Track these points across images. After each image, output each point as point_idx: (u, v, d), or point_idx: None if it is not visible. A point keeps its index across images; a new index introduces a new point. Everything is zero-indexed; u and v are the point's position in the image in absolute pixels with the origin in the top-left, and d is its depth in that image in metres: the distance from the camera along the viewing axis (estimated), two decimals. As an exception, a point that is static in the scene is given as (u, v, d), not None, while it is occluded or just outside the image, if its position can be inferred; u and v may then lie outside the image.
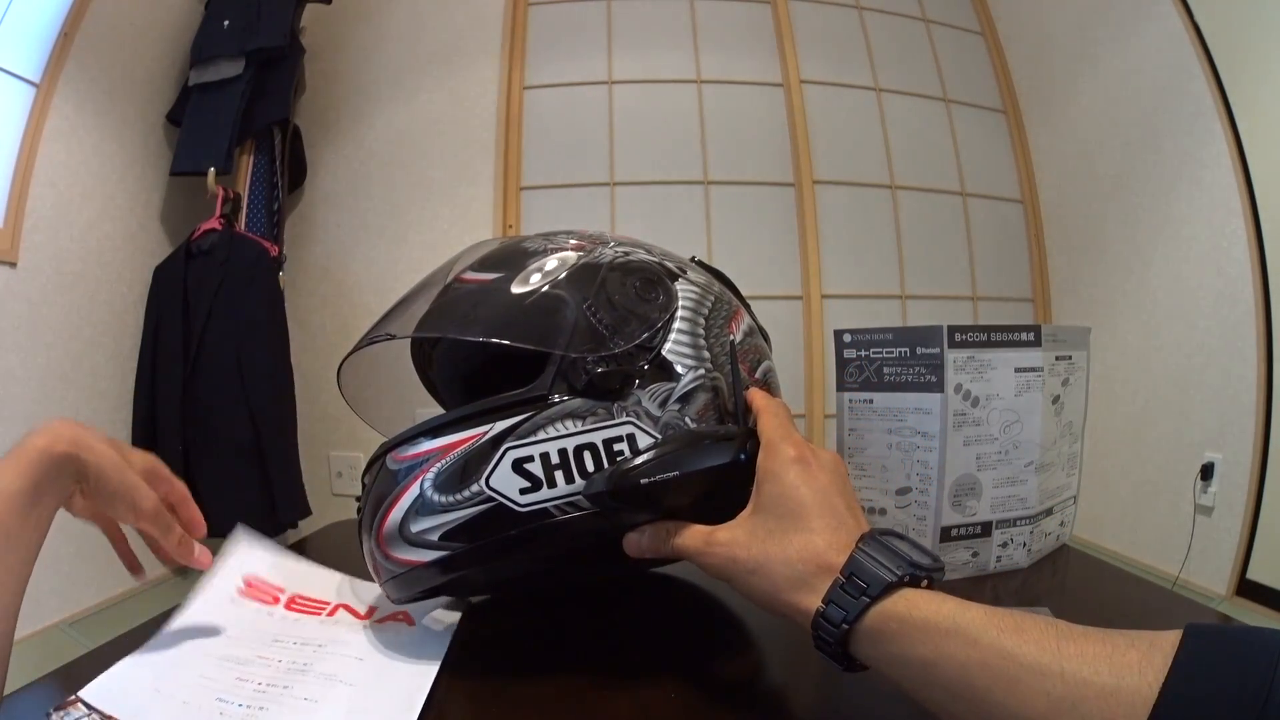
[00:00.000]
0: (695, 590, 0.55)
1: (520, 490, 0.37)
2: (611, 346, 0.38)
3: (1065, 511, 0.65)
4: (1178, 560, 1.88)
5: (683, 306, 0.42)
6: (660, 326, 0.40)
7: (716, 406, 0.40)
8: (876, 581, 0.30)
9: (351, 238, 2.30)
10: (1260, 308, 1.76)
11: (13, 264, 1.57)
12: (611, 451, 0.37)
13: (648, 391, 0.39)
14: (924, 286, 2.40)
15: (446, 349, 0.48)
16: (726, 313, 0.44)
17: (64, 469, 0.38)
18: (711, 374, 0.41)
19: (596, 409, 0.38)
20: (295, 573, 0.51)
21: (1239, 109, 1.82)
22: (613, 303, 0.40)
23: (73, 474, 0.38)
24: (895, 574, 0.30)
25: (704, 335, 0.41)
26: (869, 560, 0.31)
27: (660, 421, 0.38)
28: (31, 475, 0.36)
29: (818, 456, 0.37)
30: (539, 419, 0.38)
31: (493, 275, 0.42)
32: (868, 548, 0.32)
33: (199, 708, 0.35)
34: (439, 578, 0.39)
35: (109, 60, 1.84)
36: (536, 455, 0.37)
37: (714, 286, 0.45)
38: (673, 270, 0.43)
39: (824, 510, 0.34)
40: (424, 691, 0.37)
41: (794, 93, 2.39)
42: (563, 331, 0.38)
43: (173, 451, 1.82)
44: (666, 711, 0.37)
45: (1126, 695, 0.23)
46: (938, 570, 0.32)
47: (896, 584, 0.30)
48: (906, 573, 0.31)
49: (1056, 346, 0.59)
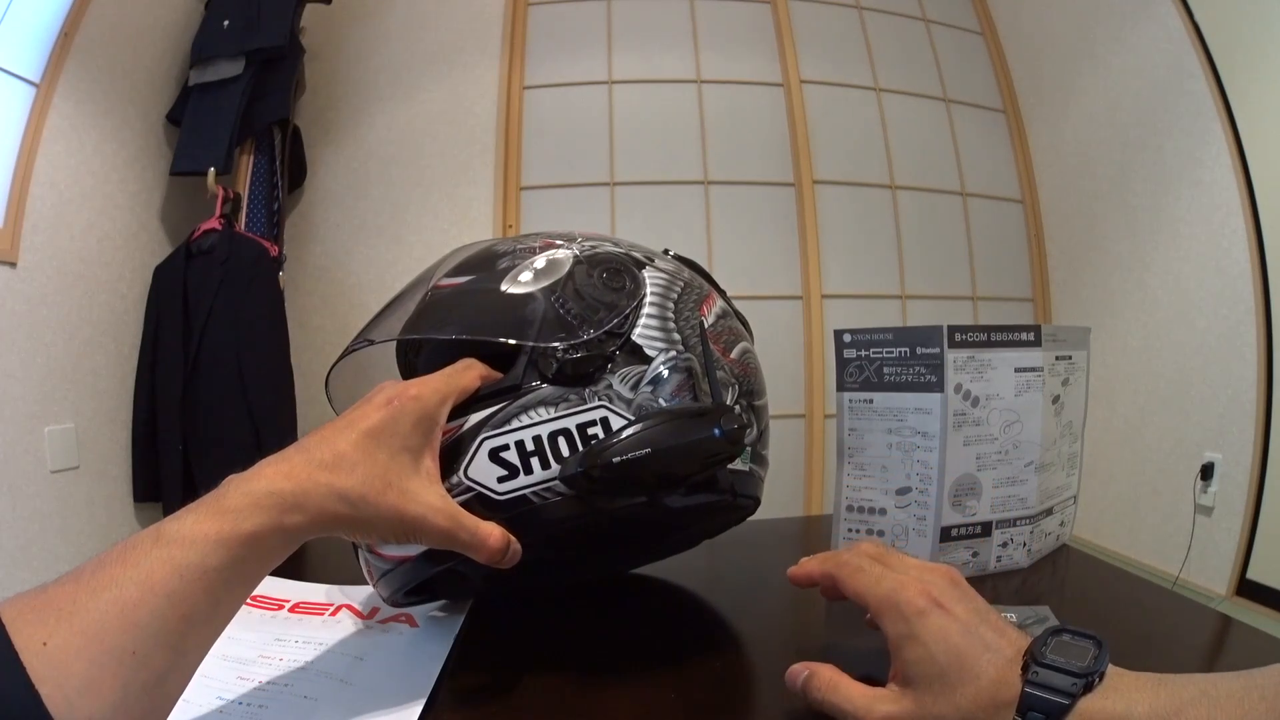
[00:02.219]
0: (695, 591, 0.55)
1: (498, 479, 0.37)
2: (581, 335, 0.39)
3: (1065, 511, 0.65)
4: (1178, 560, 1.88)
5: (651, 292, 0.42)
6: (629, 313, 0.40)
7: (690, 387, 0.41)
8: (1053, 711, 0.29)
9: (351, 237, 2.30)
10: (1260, 308, 1.76)
11: (13, 264, 1.57)
12: (586, 435, 0.38)
13: (619, 375, 0.39)
14: (924, 286, 2.40)
15: (429, 355, 0.49)
16: (697, 297, 0.44)
17: (304, 537, 0.32)
18: (684, 355, 0.41)
19: (569, 395, 0.38)
20: (298, 587, 0.51)
21: (1239, 109, 1.82)
22: (580, 293, 0.40)
23: (322, 531, 0.32)
24: (1069, 696, 0.29)
25: (674, 319, 0.42)
26: (1039, 690, 0.29)
27: (633, 404, 0.39)
28: (244, 549, 0.29)
29: (938, 589, 0.34)
30: (512, 408, 0.38)
31: (466, 279, 0.43)
32: (1036, 675, 0.30)
33: (199, 706, 0.35)
34: (427, 570, 0.40)
35: (109, 60, 1.84)
36: (512, 443, 0.38)
37: (684, 273, 0.46)
38: (640, 259, 0.44)
39: (976, 648, 0.32)
40: (425, 692, 0.38)
41: (794, 93, 2.39)
42: (532, 324, 0.39)
43: (173, 451, 1.82)
44: (666, 711, 0.37)
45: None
46: (1102, 656, 0.30)
47: (1071, 706, 0.29)
48: (1079, 687, 0.29)
49: (1056, 346, 0.59)
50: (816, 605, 0.50)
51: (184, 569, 0.27)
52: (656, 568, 0.56)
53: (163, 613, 0.26)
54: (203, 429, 1.83)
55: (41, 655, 0.24)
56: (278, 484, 0.31)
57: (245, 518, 0.29)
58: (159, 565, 0.27)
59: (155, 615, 0.26)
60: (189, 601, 0.27)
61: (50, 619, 0.25)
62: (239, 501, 0.30)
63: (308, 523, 0.31)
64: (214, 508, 0.29)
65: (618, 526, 0.48)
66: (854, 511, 0.58)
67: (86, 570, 0.27)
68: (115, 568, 0.27)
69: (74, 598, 0.26)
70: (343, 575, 0.52)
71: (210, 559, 0.28)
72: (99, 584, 0.26)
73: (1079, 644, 0.30)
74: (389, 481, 0.33)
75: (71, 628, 0.25)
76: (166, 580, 0.27)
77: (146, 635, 0.26)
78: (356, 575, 0.45)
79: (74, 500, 1.72)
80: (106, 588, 0.26)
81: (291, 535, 0.31)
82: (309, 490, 0.31)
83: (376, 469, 0.33)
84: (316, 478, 0.32)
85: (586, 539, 0.49)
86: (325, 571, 0.53)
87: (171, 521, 0.29)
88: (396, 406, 0.35)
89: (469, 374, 0.39)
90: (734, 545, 0.55)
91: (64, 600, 0.25)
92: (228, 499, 0.30)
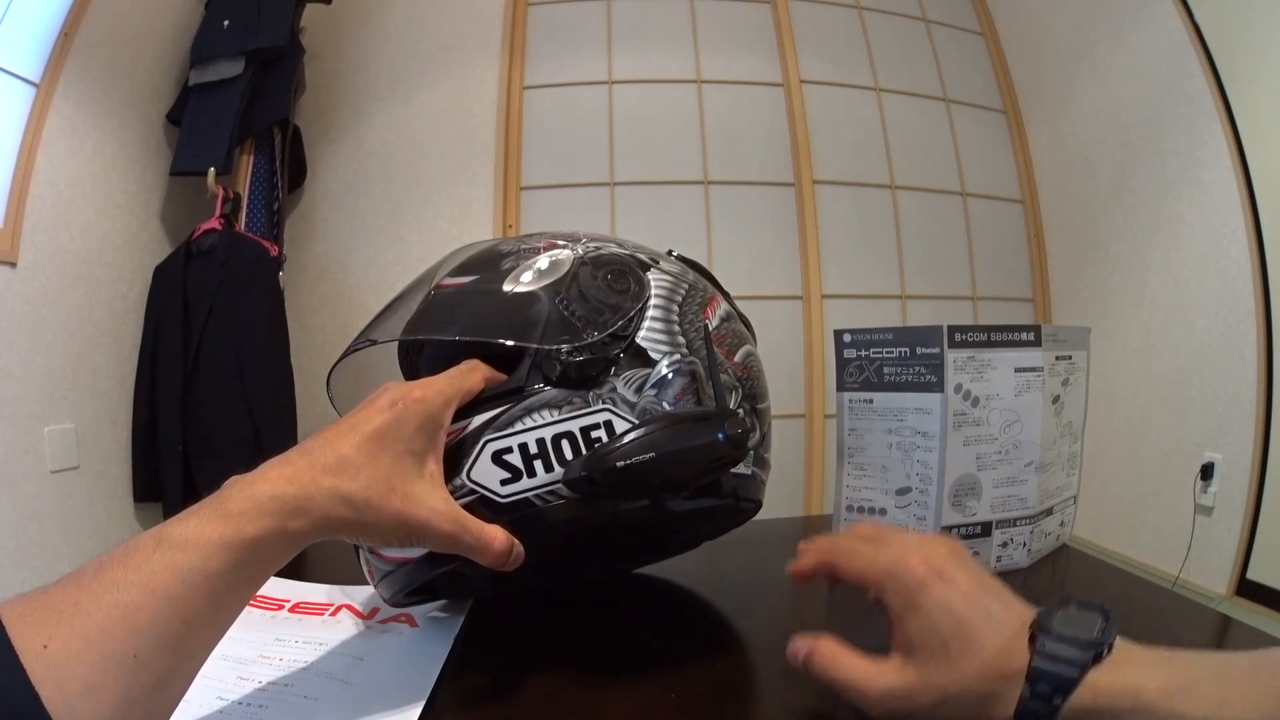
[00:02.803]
0: (696, 591, 0.55)
1: (501, 481, 0.37)
2: (585, 337, 0.39)
3: (1065, 511, 0.65)
4: (1178, 560, 1.88)
5: (655, 295, 0.42)
6: (633, 315, 0.40)
7: (694, 390, 0.40)
8: (1062, 684, 0.28)
9: (351, 238, 2.30)
10: (1260, 308, 1.76)
11: (13, 264, 1.57)
12: (589, 439, 0.38)
13: (623, 378, 0.39)
14: (924, 286, 2.40)
15: (431, 355, 0.48)
16: (701, 299, 0.44)
17: (306, 541, 0.31)
18: (688, 359, 0.41)
19: (572, 398, 0.38)
20: (298, 587, 0.51)
21: (1239, 109, 1.82)
22: (584, 295, 0.40)
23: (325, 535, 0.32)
24: (1078, 667, 0.28)
25: (678, 322, 0.42)
26: (1048, 662, 0.29)
27: (637, 407, 0.39)
28: (247, 553, 0.29)
29: (939, 559, 0.33)
30: (515, 410, 0.38)
31: (468, 279, 0.43)
32: (1044, 646, 0.29)
33: (200, 706, 0.35)
34: (429, 572, 0.40)
35: (109, 60, 1.84)
36: (515, 446, 0.37)
37: (688, 275, 0.46)
38: (644, 261, 0.44)
39: (979, 618, 0.31)
40: (425, 692, 0.38)
41: (794, 93, 2.39)
42: (536, 325, 0.39)
43: (173, 451, 1.82)
44: (666, 711, 0.37)
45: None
46: (1110, 628, 0.30)
47: (1080, 678, 0.28)
48: (1088, 657, 0.28)
49: (1056, 346, 0.59)
50: (816, 605, 0.50)
51: (186, 573, 0.27)
52: (657, 568, 0.56)
53: (164, 616, 0.26)
54: (203, 429, 1.83)
55: (42, 658, 0.24)
56: (281, 488, 0.30)
57: (248, 522, 0.29)
58: (161, 568, 0.27)
59: (157, 619, 0.26)
60: (191, 605, 0.27)
61: (51, 621, 0.25)
62: (242, 505, 0.29)
63: (311, 527, 0.31)
64: (216, 511, 0.29)
65: (620, 529, 0.48)
66: (854, 511, 0.58)
67: (87, 572, 0.27)
68: (117, 570, 0.27)
69: (75, 600, 0.25)
70: (343, 575, 0.52)
71: (212, 563, 0.28)
72: (100, 587, 0.26)
73: (1086, 615, 0.30)
74: (393, 485, 0.33)
75: (72, 630, 0.25)
76: (168, 584, 0.27)
77: (148, 639, 0.26)
78: (357, 575, 0.45)
79: (74, 500, 1.72)
80: (108, 590, 0.26)
81: (295, 539, 0.31)
82: (312, 494, 0.31)
83: (380, 473, 0.33)
84: (320, 481, 0.31)
85: (589, 541, 0.49)
86: (326, 572, 0.53)
87: (173, 524, 0.29)
88: (401, 409, 0.35)
89: (473, 376, 0.39)
90: (734, 545, 0.55)
91: (65, 603, 0.25)
92: (230, 502, 0.30)
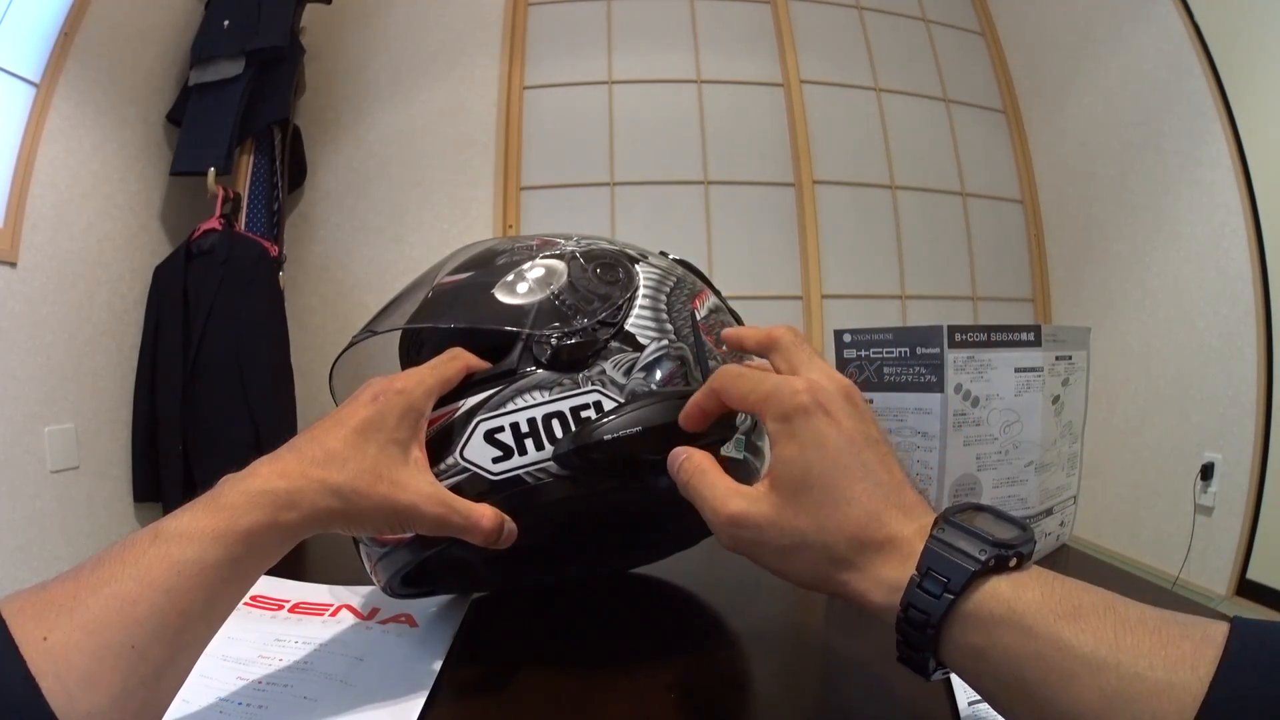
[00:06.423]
0: (694, 590, 0.55)
1: (493, 459, 0.38)
2: (575, 324, 0.40)
3: (1065, 511, 0.65)
4: (1178, 560, 1.88)
5: (644, 285, 0.43)
6: (622, 303, 0.42)
7: (683, 374, 0.41)
8: (957, 576, 0.26)
9: (351, 237, 2.30)
10: (1260, 308, 1.76)
11: (13, 264, 1.58)
12: (579, 418, 0.39)
13: (612, 361, 0.40)
14: (924, 286, 2.40)
15: (430, 352, 0.49)
16: (690, 291, 0.45)
17: (299, 534, 0.32)
18: (676, 344, 0.42)
19: (562, 379, 0.39)
20: (298, 587, 0.51)
21: (1239, 109, 1.82)
22: (575, 285, 0.41)
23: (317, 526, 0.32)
24: (977, 562, 0.26)
25: (666, 310, 0.43)
26: (943, 548, 0.27)
27: (626, 389, 0.39)
28: (240, 545, 0.29)
29: (829, 394, 0.31)
30: (507, 392, 0.39)
31: (465, 275, 0.45)
32: (943, 531, 0.27)
33: (199, 706, 0.35)
34: (423, 551, 0.40)
35: (109, 60, 1.84)
36: (507, 425, 0.38)
37: (676, 269, 0.47)
38: (633, 256, 0.45)
39: (854, 469, 0.29)
40: (425, 691, 0.38)
41: (794, 93, 2.39)
42: (527, 314, 0.40)
43: (173, 451, 1.82)
44: (666, 711, 0.37)
45: (1178, 691, 0.22)
46: (1027, 543, 0.27)
47: (981, 573, 0.26)
48: (989, 555, 0.26)
49: (1056, 346, 0.59)
50: (816, 605, 0.50)
51: (182, 565, 0.28)
52: (656, 567, 0.56)
53: (161, 608, 0.27)
54: (203, 429, 1.83)
55: (42, 650, 0.24)
56: (272, 482, 0.31)
57: (241, 515, 0.30)
58: (157, 561, 0.27)
59: (154, 610, 0.27)
60: (187, 597, 0.28)
61: (50, 614, 0.25)
62: (235, 499, 0.30)
63: (302, 519, 0.32)
64: (211, 505, 0.30)
65: (612, 512, 0.49)
66: (854, 511, 0.58)
67: (86, 567, 0.27)
68: (114, 564, 0.27)
69: (74, 594, 0.26)
70: (343, 575, 0.52)
71: (208, 555, 0.28)
72: (98, 580, 0.26)
73: (1003, 524, 0.28)
74: (379, 474, 0.34)
75: (71, 623, 0.25)
76: (165, 576, 0.27)
77: (145, 630, 0.26)
78: (356, 576, 0.45)
79: (74, 500, 1.72)
80: (106, 584, 0.26)
81: (287, 532, 0.31)
82: (302, 487, 0.32)
83: (366, 463, 0.34)
84: (309, 474, 0.32)
85: (582, 524, 0.49)
86: (325, 571, 0.53)
87: (169, 519, 0.29)
88: (383, 401, 0.36)
89: (454, 365, 0.39)
90: (734, 545, 0.55)
91: (64, 596, 0.26)
92: (224, 497, 0.30)
